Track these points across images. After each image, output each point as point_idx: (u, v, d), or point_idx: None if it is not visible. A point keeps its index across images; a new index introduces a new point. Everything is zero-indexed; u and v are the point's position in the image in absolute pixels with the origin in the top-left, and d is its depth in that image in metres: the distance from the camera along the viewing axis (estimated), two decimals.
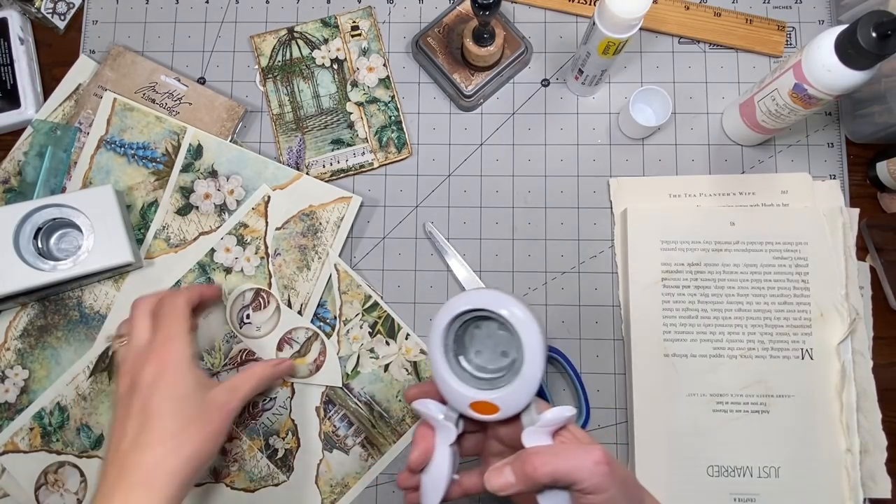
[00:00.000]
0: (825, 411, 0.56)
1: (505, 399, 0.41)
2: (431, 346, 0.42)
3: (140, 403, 0.46)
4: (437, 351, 0.42)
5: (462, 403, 0.42)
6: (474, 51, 0.59)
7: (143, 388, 0.46)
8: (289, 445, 0.58)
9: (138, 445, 0.44)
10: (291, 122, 0.63)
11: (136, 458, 0.43)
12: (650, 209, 0.60)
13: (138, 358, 0.48)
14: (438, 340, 0.42)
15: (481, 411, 0.41)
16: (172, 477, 0.43)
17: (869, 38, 0.44)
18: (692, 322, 0.58)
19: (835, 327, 0.57)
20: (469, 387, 0.41)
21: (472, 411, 0.41)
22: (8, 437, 0.58)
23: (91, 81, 0.63)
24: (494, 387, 0.41)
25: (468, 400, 0.41)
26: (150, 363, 0.47)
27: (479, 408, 0.41)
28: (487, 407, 0.41)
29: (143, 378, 0.46)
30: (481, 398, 0.41)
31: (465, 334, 0.43)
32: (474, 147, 0.63)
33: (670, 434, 0.56)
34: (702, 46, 0.64)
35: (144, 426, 0.45)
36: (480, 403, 0.41)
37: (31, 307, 0.60)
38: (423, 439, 0.43)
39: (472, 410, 0.41)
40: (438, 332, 0.42)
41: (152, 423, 0.45)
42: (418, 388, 0.46)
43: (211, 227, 0.61)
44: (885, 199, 0.61)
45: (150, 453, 0.44)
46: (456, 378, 0.42)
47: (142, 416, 0.45)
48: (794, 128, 0.62)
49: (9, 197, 0.61)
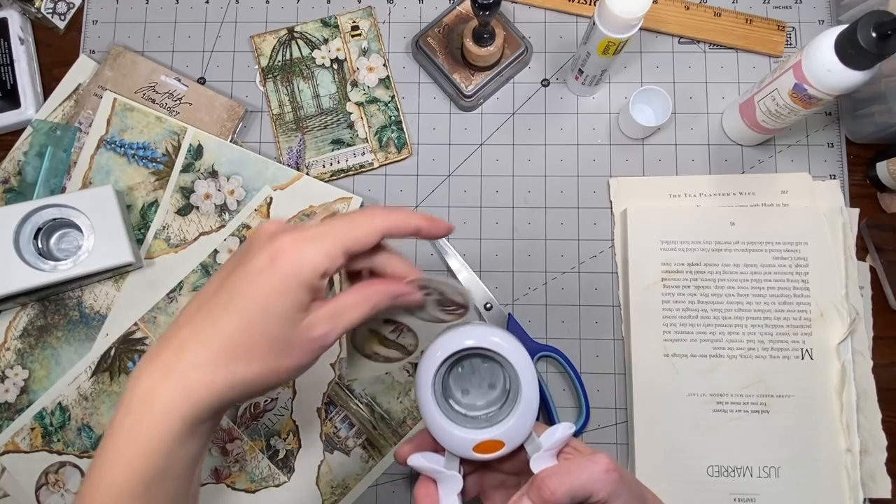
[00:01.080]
0: (825, 411, 0.56)
1: (509, 433, 0.39)
2: (422, 398, 0.40)
3: (224, 283, 0.35)
4: (429, 401, 0.40)
5: (465, 448, 0.40)
6: (474, 51, 0.59)
7: (239, 268, 0.35)
8: (290, 446, 0.58)
9: (191, 332, 0.34)
10: (291, 122, 0.63)
11: (176, 347, 0.34)
12: (650, 209, 0.60)
13: (274, 233, 0.35)
14: (428, 390, 0.40)
15: (486, 451, 0.40)
16: (205, 395, 0.33)
17: (869, 38, 0.44)
18: (692, 322, 0.58)
19: (835, 327, 0.57)
20: (468, 429, 0.40)
21: (476, 454, 0.40)
22: (9, 437, 0.58)
23: (91, 81, 0.63)
24: (493, 422, 0.40)
25: (471, 443, 0.39)
26: (270, 249, 0.35)
27: (483, 448, 0.39)
28: (492, 445, 0.39)
29: (253, 260, 0.35)
30: (484, 437, 0.39)
31: (449, 375, 0.41)
32: (474, 147, 0.63)
33: (670, 434, 0.56)
34: (702, 46, 0.64)
35: (210, 313, 0.34)
36: (484, 443, 0.39)
37: (31, 307, 0.60)
38: (426, 497, 0.40)
39: (477, 453, 0.40)
40: (427, 382, 0.39)
41: (217, 314, 0.34)
42: (410, 445, 0.42)
43: (211, 228, 0.61)
44: (885, 199, 0.61)
45: (192, 352, 0.34)
46: (453, 423, 0.40)
47: (218, 296, 0.35)
48: (794, 128, 0.62)
49: (9, 197, 0.61)
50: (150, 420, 0.33)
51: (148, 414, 0.33)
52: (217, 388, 0.33)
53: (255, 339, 0.34)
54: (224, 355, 0.33)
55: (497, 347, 0.39)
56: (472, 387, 0.42)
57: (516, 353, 0.39)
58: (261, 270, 0.34)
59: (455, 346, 0.39)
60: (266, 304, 0.34)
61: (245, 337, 0.34)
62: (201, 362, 0.33)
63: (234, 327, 0.34)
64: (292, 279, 0.34)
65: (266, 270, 0.34)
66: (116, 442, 0.33)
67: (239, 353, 0.34)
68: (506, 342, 0.39)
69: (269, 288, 0.34)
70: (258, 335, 0.34)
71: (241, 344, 0.34)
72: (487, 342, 0.39)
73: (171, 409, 0.33)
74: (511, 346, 0.39)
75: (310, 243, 0.35)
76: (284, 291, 0.34)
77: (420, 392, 0.40)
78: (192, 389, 0.33)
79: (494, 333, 0.39)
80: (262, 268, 0.34)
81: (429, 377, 0.39)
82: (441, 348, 0.39)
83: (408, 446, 0.42)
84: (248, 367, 0.34)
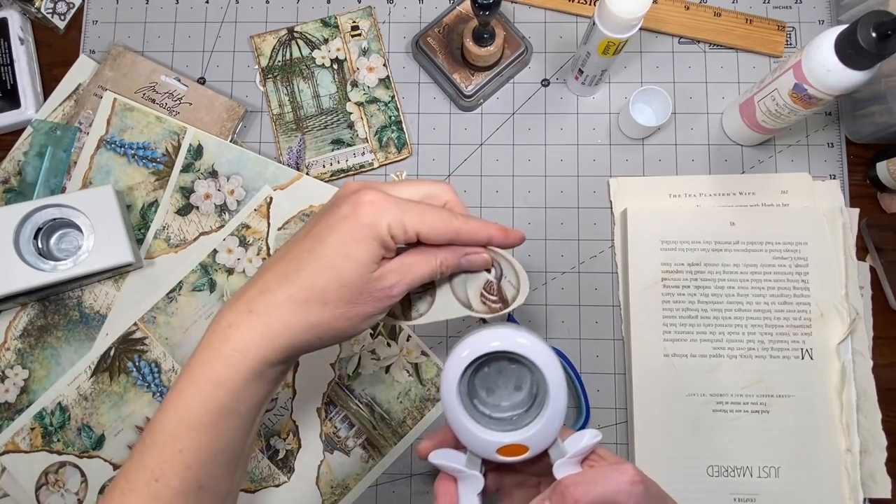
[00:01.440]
0: (825, 411, 0.56)
1: (534, 438, 0.39)
2: (447, 397, 0.39)
3: (310, 231, 0.38)
4: (453, 400, 0.39)
5: (488, 450, 0.39)
6: (474, 51, 0.59)
7: (323, 219, 0.37)
8: (290, 446, 0.58)
9: (273, 275, 0.37)
10: (291, 122, 0.63)
11: (259, 288, 0.37)
12: (650, 209, 0.60)
13: (359, 188, 0.37)
14: (453, 390, 0.39)
15: (510, 454, 0.39)
16: (280, 333, 0.36)
17: (869, 38, 0.44)
18: (692, 322, 0.58)
19: (835, 327, 0.57)
20: (493, 431, 0.39)
21: (499, 456, 0.39)
22: (9, 437, 0.58)
23: (91, 81, 0.63)
24: (518, 426, 0.39)
25: (495, 446, 0.39)
26: (353, 199, 0.37)
27: (507, 451, 0.39)
28: (516, 449, 0.39)
29: (337, 210, 0.37)
30: (509, 441, 0.39)
31: (475, 375, 0.41)
32: (474, 147, 0.63)
33: (670, 434, 0.56)
34: (702, 46, 0.64)
35: (294, 257, 0.37)
36: (508, 447, 0.39)
37: (31, 307, 0.60)
38: (445, 495, 0.40)
39: (500, 455, 0.39)
40: (453, 382, 0.39)
41: (299, 259, 0.37)
42: (431, 440, 0.42)
43: (211, 228, 0.61)
44: (885, 199, 0.61)
45: (272, 291, 0.36)
46: (478, 425, 0.39)
47: (302, 243, 0.37)
48: (794, 128, 0.62)
49: (9, 197, 0.61)
50: (225, 354, 0.35)
51: (224, 348, 0.35)
52: (291, 328, 0.36)
53: (332, 283, 0.36)
54: (301, 296, 0.36)
55: (526, 351, 0.38)
56: (497, 387, 0.41)
57: (545, 357, 0.38)
58: (343, 218, 0.36)
59: (483, 348, 0.38)
60: (345, 250, 0.36)
61: (323, 280, 0.36)
62: (279, 302, 0.36)
63: (313, 271, 0.36)
64: (369, 229, 0.36)
65: (348, 218, 0.36)
66: (192, 371, 0.36)
67: (314, 296, 0.36)
68: (535, 346, 0.38)
69: (349, 236, 0.36)
70: (334, 280, 0.36)
71: (318, 287, 0.36)
72: (516, 345, 0.38)
73: (245, 346, 0.35)
74: (540, 350, 0.38)
75: (392, 204, 0.36)
76: (361, 239, 0.36)
77: (445, 391, 0.39)
78: (268, 327, 0.35)
79: (523, 335, 0.39)
80: (344, 216, 0.36)
81: (455, 377, 0.39)
82: (469, 348, 0.39)
83: (429, 442, 0.42)
84: (322, 310, 0.36)
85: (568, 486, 0.36)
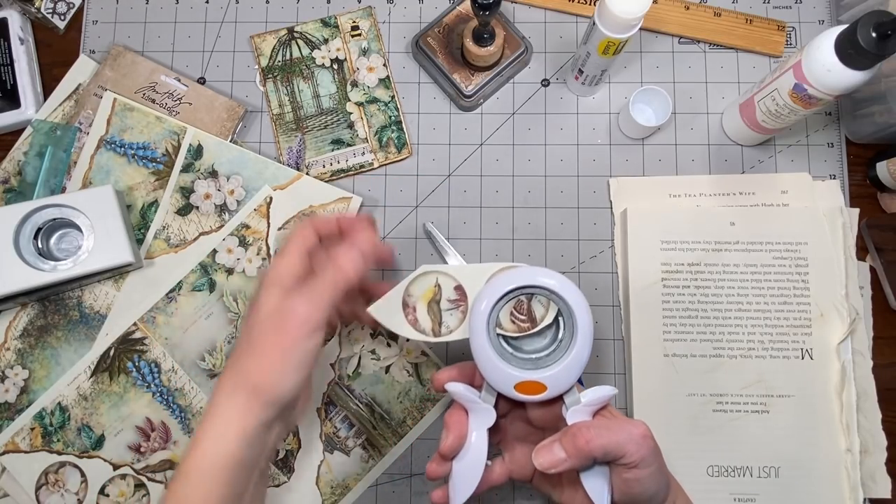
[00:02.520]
0: (825, 411, 0.56)
1: (554, 378, 0.39)
2: (474, 327, 0.40)
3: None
4: (480, 331, 0.40)
5: (507, 384, 0.40)
6: (474, 51, 0.59)
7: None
8: (289, 446, 0.58)
9: (231, 360, 0.42)
10: (291, 122, 0.63)
11: (225, 374, 0.42)
12: (650, 209, 0.60)
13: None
14: (483, 321, 0.40)
15: (527, 391, 0.40)
16: (247, 399, 0.40)
17: (869, 38, 0.44)
18: (692, 322, 0.58)
19: (835, 327, 0.57)
20: (515, 367, 0.40)
21: (517, 392, 0.40)
22: (8, 437, 0.58)
23: (91, 81, 0.63)
24: (540, 366, 0.40)
25: (514, 380, 0.40)
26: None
27: (524, 388, 0.40)
28: (534, 386, 0.40)
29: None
30: (529, 378, 0.39)
31: (502, 313, 0.42)
32: (474, 147, 0.63)
33: (670, 434, 0.56)
34: (702, 46, 0.64)
35: (237, 341, 0.43)
36: (527, 383, 0.40)
37: (31, 307, 0.60)
38: (456, 424, 0.41)
39: (518, 392, 0.40)
40: (484, 312, 0.40)
41: (238, 338, 0.43)
42: (448, 372, 0.44)
43: (211, 228, 0.61)
44: (885, 199, 0.61)
45: (229, 370, 0.41)
46: (501, 358, 0.40)
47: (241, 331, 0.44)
48: (794, 128, 0.62)
49: (9, 197, 0.61)
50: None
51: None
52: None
53: (262, 337, 0.41)
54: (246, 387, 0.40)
55: (563, 293, 0.39)
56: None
57: (579, 304, 0.39)
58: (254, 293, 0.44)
59: (522, 281, 0.40)
60: (258, 308, 0.42)
61: (256, 366, 0.41)
62: (230, 393, 0.41)
63: (246, 343, 0.42)
64: (270, 279, 0.42)
65: (255, 291, 0.43)
66: (216, 422, 0.40)
67: (249, 381, 0.41)
68: (573, 291, 0.40)
69: (259, 297, 0.42)
70: (261, 333, 0.41)
71: (256, 348, 0.41)
72: (556, 286, 0.40)
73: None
74: (577, 297, 0.40)
75: (279, 256, 0.43)
76: (267, 291, 0.42)
77: (473, 322, 0.40)
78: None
79: (564, 281, 0.40)
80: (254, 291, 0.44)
81: (486, 308, 0.40)
82: (508, 282, 0.40)
83: (447, 373, 0.44)
84: (257, 362, 0.41)
85: (581, 427, 0.38)
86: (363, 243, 0.44)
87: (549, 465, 0.38)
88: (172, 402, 0.59)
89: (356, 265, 0.42)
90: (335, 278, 0.42)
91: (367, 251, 0.43)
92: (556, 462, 0.38)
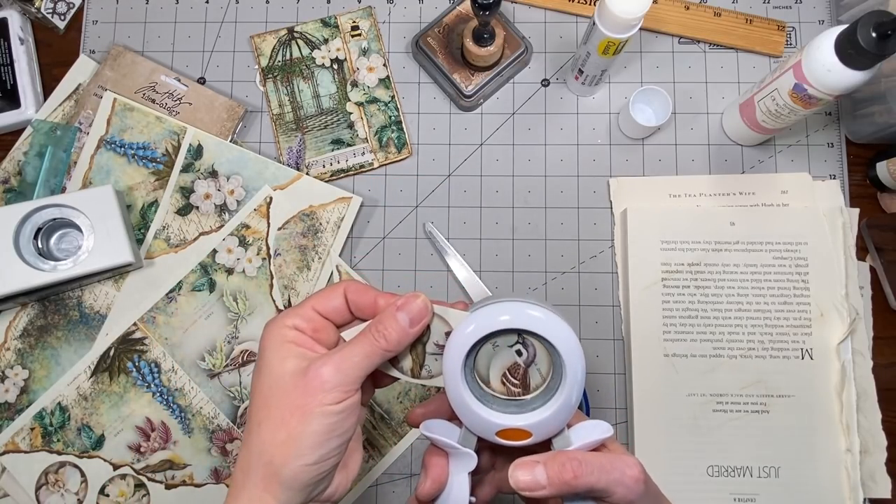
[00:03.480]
0: (825, 411, 0.56)
1: (540, 424, 0.35)
2: (449, 370, 0.35)
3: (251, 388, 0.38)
4: (456, 374, 0.35)
5: (487, 431, 0.36)
6: (474, 51, 0.59)
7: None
8: None
9: (246, 433, 0.36)
10: (291, 122, 0.63)
11: (242, 451, 0.36)
12: (650, 209, 0.60)
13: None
14: (458, 364, 0.35)
15: (510, 438, 0.36)
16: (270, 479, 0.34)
17: (869, 38, 0.44)
18: (692, 322, 0.58)
19: (835, 327, 0.57)
20: (495, 411, 0.36)
21: (499, 439, 0.36)
22: (8, 437, 0.58)
23: (91, 81, 0.63)
24: (524, 409, 0.36)
25: (496, 427, 0.35)
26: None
27: (507, 435, 0.36)
28: (518, 433, 0.36)
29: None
30: (510, 424, 0.35)
31: (481, 350, 0.37)
32: (474, 147, 0.63)
33: (670, 434, 0.56)
34: (702, 46, 0.64)
35: (250, 408, 0.37)
36: (509, 430, 0.35)
37: (31, 307, 0.60)
38: (434, 466, 0.37)
39: (500, 438, 0.36)
40: (459, 355, 0.35)
41: (250, 404, 0.36)
42: (424, 408, 0.39)
43: (211, 228, 0.61)
44: (885, 199, 0.61)
45: (245, 444, 0.36)
46: (481, 404, 0.36)
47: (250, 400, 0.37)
48: (794, 128, 0.62)
49: (9, 197, 0.61)
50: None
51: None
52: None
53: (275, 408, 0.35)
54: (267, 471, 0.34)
55: (551, 337, 0.34)
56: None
57: (569, 344, 0.34)
58: (257, 359, 0.37)
59: (491, 326, 0.34)
60: (266, 373, 0.36)
61: (270, 436, 0.34)
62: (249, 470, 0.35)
63: (262, 435, 0.35)
64: (272, 341, 0.36)
65: (258, 356, 0.36)
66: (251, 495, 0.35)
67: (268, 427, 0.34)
68: (563, 331, 0.34)
69: (264, 361, 0.36)
70: (275, 405, 0.35)
71: (269, 448, 0.34)
72: (528, 319, 0.34)
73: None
74: (567, 337, 0.34)
75: (285, 315, 0.36)
76: (274, 354, 0.35)
77: (447, 364, 0.36)
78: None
79: (537, 309, 0.35)
80: (257, 369, 0.37)
81: (462, 350, 0.35)
82: (488, 322, 0.35)
83: (421, 409, 0.39)
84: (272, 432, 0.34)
85: (570, 459, 0.34)
86: (415, 311, 0.36)
87: (525, 487, 0.34)
88: (172, 402, 0.59)
89: (402, 335, 0.35)
90: (375, 345, 0.35)
91: (418, 320, 0.36)
92: (534, 486, 0.34)
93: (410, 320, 0.36)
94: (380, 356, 0.35)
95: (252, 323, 0.60)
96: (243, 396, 0.59)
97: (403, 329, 0.35)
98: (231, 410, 0.59)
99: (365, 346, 0.35)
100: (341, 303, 0.37)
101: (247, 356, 0.59)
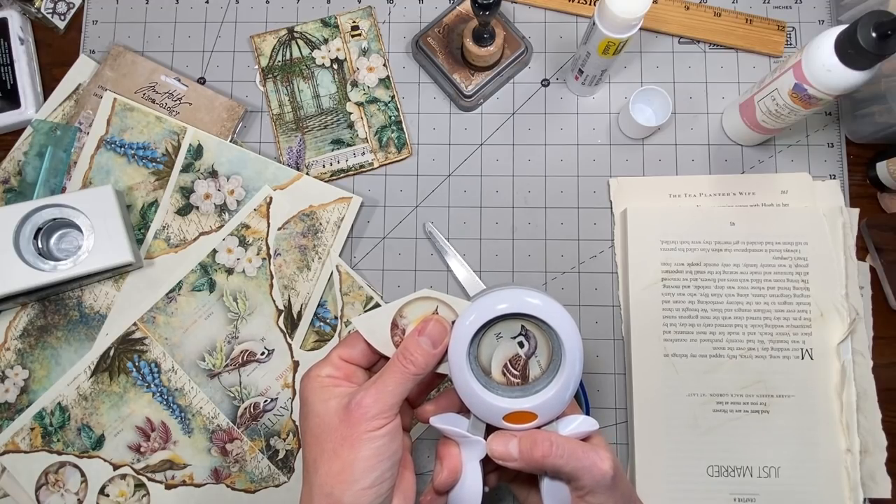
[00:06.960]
0: (825, 411, 0.56)
1: (544, 406, 0.37)
2: (454, 359, 0.38)
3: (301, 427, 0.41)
4: (461, 363, 0.37)
5: (495, 416, 0.38)
6: (474, 51, 0.59)
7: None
8: (290, 447, 0.58)
9: (304, 474, 0.39)
10: (291, 122, 0.63)
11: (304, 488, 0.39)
12: (650, 209, 0.60)
13: None
14: (463, 352, 0.37)
15: (517, 421, 0.38)
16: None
17: (869, 38, 0.44)
18: (692, 322, 0.58)
19: (835, 327, 0.57)
20: (501, 397, 0.38)
21: (506, 423, 0.38)
22: (8, 437, 0.58)
23: (91, 81, 0.63)
24: (528, 392, 0.38)
25: (502, 412, 0.37)
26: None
27: (514, 418, 0.38)
28: (524, 416, 0.38)
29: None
30: (517, 408, 0.37)
31: (485, 338, 0.39)
32: (474, 147, 0.63)
33: (670, 434, 0.56)
34: (702, 46, 0.64)
35: (304, 451, 0.40)
36: (516, 414, 0.37)
37: (31, 307, 0.60)
38: (448, 457, 0.39)
39: (507, 422, 0.38)
40: (463, 343, 0.37)
41: (304, 446, 0.40)
42: (434, 404, 0.42)
43: (211, 228, 0.61)
44: (885, 199, 0.61)
45: (306, 483, 0.38)
46: (486, 390, 0.38)
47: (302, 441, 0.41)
48: (794, 128, 0.62)
49: (9, 197, 0.61)
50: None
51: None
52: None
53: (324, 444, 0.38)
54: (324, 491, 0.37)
55: (549, 318, 0.36)
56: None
57: (565, 325, 0.37)
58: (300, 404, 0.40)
59: (502, 310, 0.37)
60: (313, 407, 0.39)
61: (326, 465, 0.37)
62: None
63: (317, 462, 0.38)
64: (309, 384, 0.39)
65: (300, 400, 0.40)
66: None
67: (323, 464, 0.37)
68: (558, 312, 0.37)
69: (306, 403, 0.39)
70: (324, 441, 0.38)
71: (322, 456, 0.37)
72: (528, 306, 0.36)
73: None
74: (563, 318, 0.37)
75: (316, 367, 0.40)
76: (313, 396, 0.39)
77: (453, 354, 0.38)
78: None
79: (536, 296, 0.37)
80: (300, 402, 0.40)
81: (466, 338, 0.37)
82: (489, 309, 0.37)
83: (431, 405, 0.42)
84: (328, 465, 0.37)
85: (544, 439, 0.37)
86: (435, 334, 0.39)
87: (499, 456, 0.38)
88: (172, 402, 0.59)
89: (427, 358, 0.38)
90: (405, 371, 0.38)
91: (439, 341, 0.39)
92: (506, 456, 0.37)
93: (432, 342, 0.38)
94: (411, 381, 0.38)
95: (252, 323, 0.60)
96: (243, 396, 0.59)
97: (427, 352, 0.38)
98: (231, 410, 0.59)
99: (395, 375, 0.38)
100: (364, 347, 0.41)
101: (246, 356, 0.59)
